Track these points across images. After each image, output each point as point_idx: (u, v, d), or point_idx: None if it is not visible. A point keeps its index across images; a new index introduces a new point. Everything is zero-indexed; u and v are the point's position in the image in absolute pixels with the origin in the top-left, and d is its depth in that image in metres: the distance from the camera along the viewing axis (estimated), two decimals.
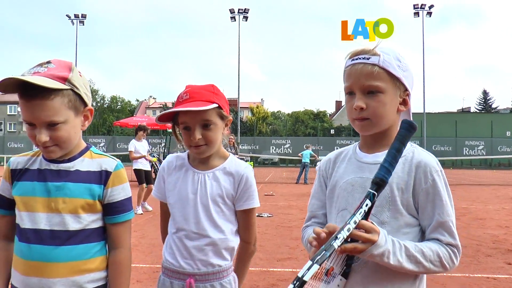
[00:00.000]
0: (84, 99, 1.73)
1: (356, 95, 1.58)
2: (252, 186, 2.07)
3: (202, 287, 1.96)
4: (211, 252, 1.98)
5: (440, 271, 1.52)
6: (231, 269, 2.05)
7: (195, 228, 1.98)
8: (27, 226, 1.70)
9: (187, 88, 2.03)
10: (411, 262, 1.46)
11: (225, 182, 2.03)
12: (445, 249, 1.50)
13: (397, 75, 1.56)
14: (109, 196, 1.77)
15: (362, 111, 1.56)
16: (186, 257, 1.98)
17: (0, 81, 1.56)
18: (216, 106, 1.97)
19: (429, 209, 1.53)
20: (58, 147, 1.69)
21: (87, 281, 1.72)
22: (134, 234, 7.71)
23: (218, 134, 2.01)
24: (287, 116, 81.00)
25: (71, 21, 49.35)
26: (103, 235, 1.80)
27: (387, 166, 1.44)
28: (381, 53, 1.55)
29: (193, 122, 1.94)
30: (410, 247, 1.47)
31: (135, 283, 5.01)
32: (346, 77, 1.62)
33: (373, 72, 1.54)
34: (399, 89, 1.60)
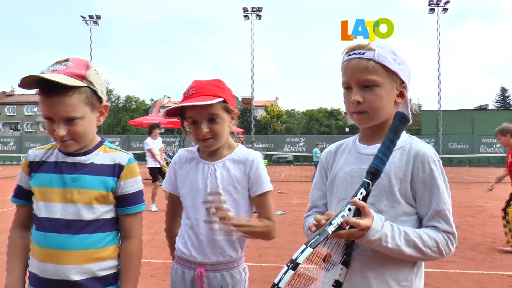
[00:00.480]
0: (100, 95, 1.81)
1: (353, 89, 1.62)
2: (263, 170, 2.10)
3: (213, 277, 2.01)
4: (222, 242, 2.02)
5: (437, 257, 1.56)
6: (241, 260, 2.10)
7: (203, 218, 2.03)
8: (44, 216, 1.77)
9: (193, 84, 2.08)
10: (409, 247, 1.49)
11: (235, 170, 2.08)
12: (442, 236, 1.54)
13: (393, 69, 1.60)
14: (122, 189, 1.83)
15: (359, 104, 1.60)
16: (197, 247, 2.03)
17: (22, 79, 1.64)
18: (222, 100, 2.01)
19: (426, 198, 1.57)
20: (74, 141, 1.76)
21: (100, 268, 1.79)
22: (148, 230, 7.81)
23: (225, 127, 2.06)
24: (302, 114, 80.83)
25: (85, 22, 49.97)
26: (115, 225, 1.86)
27: (381, 156, 1.49)
28: (376, 48, 1.59)
29: (200, 116, 2.00)
30: (409, 232, 1.51)
31: (149, 277, 5.08)
32: (343, 72, 1.66)
33: (368, 66, 1.58)
34: (396, 82, 1.63)
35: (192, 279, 2.04)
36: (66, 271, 1.73)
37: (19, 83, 1.68)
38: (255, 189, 2.08)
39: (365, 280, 1.56)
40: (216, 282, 2.01)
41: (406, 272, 1.58)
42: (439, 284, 4.97)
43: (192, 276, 2.03)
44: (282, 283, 1.27)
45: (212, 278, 2.02)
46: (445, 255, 1.56)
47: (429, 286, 4.86)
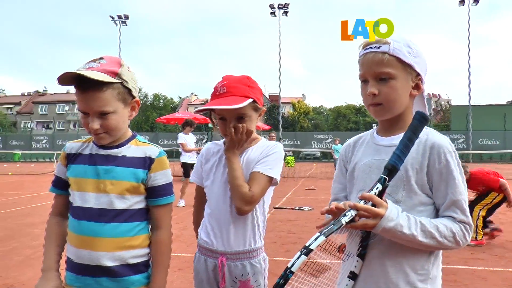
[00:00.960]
0: (132, 91, 1.90)
1: (369, 82, 1.66)
2: (274, 156, 2.12)
3: (233, 266, 2.07)
4: (242, 232, 2.09)
5: (453, 247, 1.58)
6: (261, 249, 2.15)
7: (226, 209, 2.09)
8: (78, 204, 1.88)
9: (224, 81, 2.13)
10: (426, 237, 1.53)
11: (254, 155, 2.14)
12: (458, 226, 1.57)
13: (408, 61, 1.63)
14: (152, 180, 1.92)
15: (375, 97, 1.65)
16: (219, 237, 2.10)
17: (60, 75, 1.75)
18: (251, 101, 2.07)
19: (442, 188, 1.59)
20: (107, 134, 1.86)
21: (131, 256, 1.88)
22: (176, 225, 7.95)
23: (252, 125, 2.12)
24: (329, 110, 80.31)
25: (114, 21, 50.83)
26: (145, 216, 1.95)
27: (398, 153, 1.54)
28: (391, 42, 1.63)
29: (229, 115, 2.07)
30: (426, 222, 1.54)
31: (177, 271, 5.20)
32: (360, 66, 1.71)
33: (384, 59, 1.62)
34: (411, 74, 1.66)
35: (213, 268, 2.10)
36: (99, 257, 1.83)
37: (57, 80, 1.78)
38: (257, 166, 2.09)
39: (382, 268, 1.60)
40: (236, 270, 2.08)
41: (423, 261, 1.61)
42: (466, 281, 4.94)
43: (214, 265, 2.10)
44: (295, 267, 1.34)
45: (232, 267, 2.08)
46: (462, 245, 1.59)
47: (456, 283, 4.84)
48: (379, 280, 1.61)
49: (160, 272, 1.93)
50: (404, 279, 1.59)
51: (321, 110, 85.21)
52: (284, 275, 1.34)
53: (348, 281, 1.63)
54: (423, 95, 1.76)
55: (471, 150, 38.06)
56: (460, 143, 41.18)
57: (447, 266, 5.51)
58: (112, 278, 1.85)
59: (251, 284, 2.08)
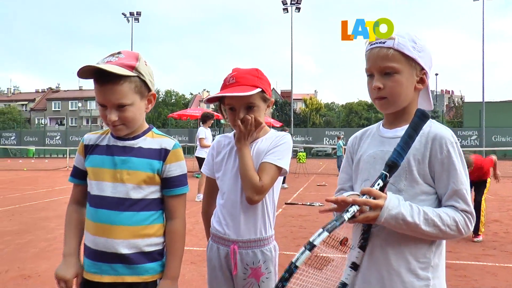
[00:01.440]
0: (149, 85, 1.97)
1: (374, 76, 1.71)
2: (283, 146, 2.16)
3: (245, 253, 2.14)
4: (253, 222, 2.15)
5: (455, 236, 1.62)
6: (272, 238, 2.21)
7: (237, 199, 2.16)
8: (96, 193, 1.95)
9: (233, 72, 2.20)
10: (429, 226, 1.57)
11: (263, 145, 2.19)
12: (461, 215, 1.60)
13: (412, 56, 1.68)
14: (167, 171, 1.98)
15: (380, 90, 1.70)
16: (231, 226, 2.16)
17: (80, 68, 1.82)
18: (260, 90, 2.13)
19: (444, 178, 1.63)
20: (124, 126, 1.93)
21: (146, 244, 1.95)
22: (189, 220, 8.02)
23: (261, 115, 2.17)
24: (341, 107, 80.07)
25: (126, 19, 51.03)
26: (160, 206, 2.02)
27: (399, 150, 1.59)
28: (396, 37, 1.67)
29: (238, 104, 2.13)
30: (428, 211, 1.59)
31: (189, 264, 5.28)
32: (366, 60, 1.76)
33: (388, 54, 1.67)
34: (415, 68, 1.71)
35: (226, 255, 2.17)
36: (115, 244, 1.90)
37: (77, 73, 1.85)
38: (267, 156, 2.14)
39: (384, 256, 1.65)
40: (248, 258, 2.14)
41: (425, 250, 1.65)
42: (476, 276, 4.95)
43: (226, 252, 2.16)
44: (299, 262, 1.40)
45: (244, 254, 2.14)
46: (464, 234, 1.62)
47: (466, 278, 4.86)
48: (381, 267, 1.65)
49: (174, 260, 1.99)
50: (406, 266, 1.63)
51: (333, 106, 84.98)
52: (289, 269, 1.40)
53: (349, 271, 1.68)
54: (428, 88, 1.80)
55: (484, 147, 37.69)
56: (473, 139, 40.85)
57: (457, 261, 5.54)
58: (127, 265, 1.91)
59: (262, 271, 2.14)
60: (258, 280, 2.14)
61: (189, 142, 34.86)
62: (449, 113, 71.60)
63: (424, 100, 1.84)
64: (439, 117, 53.99)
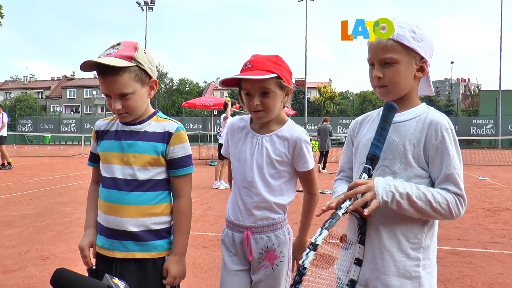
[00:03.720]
0: (149, 72, 2.06)
1: (375, 66, 1.79)
2: (306, 149, 2.20)
3: (259, 238, 2.19)
4: (265, 208, 2.18)
5: (446, 215, 1.68)
6: (285, 221, 2.25)
7: (250, 187, 2.20)
8: (107, 175, 2.09)
9: (252, 57, 2.20)
10: (420, 200, 1.64)
11: (280, 145, 2.20)
12: (452, 196, 1.67)
13: (411, 46, 1.74)
14: (171, 153, 2.09)
15: (380, 79, 1.78)
16: (243, 212, 2.21)
17: (82, 63, 1.95)
18: (275, 76, 2.09)
19: (437, 162, 1.71)
20: (128, 114, 2.05)
21: (153, 222, 2.07)
22: (201, 206, 8.19)
23: (277, 102, 2.15)
24: (355, 95, 79.63)
25: (140, 7, 51.21)
26: (167, 186, 2.14)
27: (375, 143, 1.70)
28: (396, 27, 1.73)
29: (253, 89, 2.13)
30: (421, 187, 1.67)
31: (201, 248, 5.42)
32: (368, 50, 1.84)
33: (388, 45, 1.74)
34: (415, 58, 1.77)
35: (241, 241, 2.21)
36: (125, 222, 2.03)
37: (80, 67, 1.98)
38: (299, 166, 2.21)
39: (378, 234, 1.73)
40: (262, 242, 2.18)
41: (416, 230, 1.72)
42: (483, 263, 5.00)
43: (241, 239, 2.21)
44: (307, 263, 1.47)
45: (258, 239, 2.19)
46: (454, 215, 1.68)
47: (472, 265, 4.91)
48: (375, 247, 1.74)
49: (181, 237, 2.11)
50: (397, 246, 1.71)
51: (347, 95, 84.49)
52: (299, 272, 1.47)
53: (355, 268, 1.75)
54: (428, 76, 1.86)
55: (500, 136, 37.35)
56: (488, 128, 40.44)
57: (464, 248, 5.59)
58: (136, 242, 2.04)
59: (276, 254, 2.19)
60: (272, 264, 2.18)
61: (202, 130, 35.04)
62: (465, 102, 70.76)
63: (425, 87, 1.90)
64: (454, 105, 53.43)
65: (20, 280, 4.32)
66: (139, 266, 2.05)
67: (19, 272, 4.53)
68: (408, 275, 1.70)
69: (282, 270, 2.20)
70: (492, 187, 12.06)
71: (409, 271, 1.70)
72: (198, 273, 4.57)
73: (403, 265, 1.70)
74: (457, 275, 4.57)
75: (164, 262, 2.08)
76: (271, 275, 2.19)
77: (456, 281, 4.39)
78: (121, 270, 2.04)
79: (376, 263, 1.73)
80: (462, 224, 6.95)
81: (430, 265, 1.75)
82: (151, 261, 2.06)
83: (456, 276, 4.54)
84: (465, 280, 4.43)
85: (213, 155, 20.27)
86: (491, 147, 39.39)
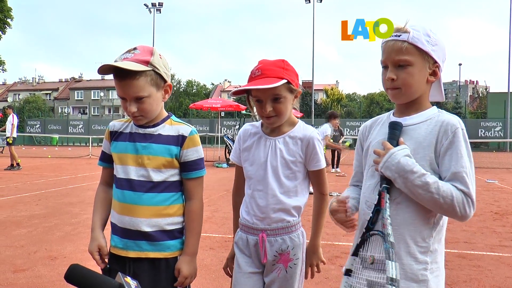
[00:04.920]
0: (164, 77, 2.11)
1: (389, 68, 1.81)
2: (318, 148, 2.22)
3: (274, 241, 2.20)
4: (280, 210, 2.20)
5: (449, 212, 1.67)
6: (299, 224, 2.27)
7: (266, 189, 2.21)
8: (121, 176, 2.13)
9: (259, 64, 2.22)
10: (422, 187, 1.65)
11: (294, 146, 2.22)
12: (460, 193, 1.65)
13: (425, 49, 1.75)
14: (184, 156, 2.14)
15: (393, 81, 1.79)
16: (258, 215, 2.22)
17: (100, 67, 1.99)
18: (285, 82, 2.12)
19: (446, 161, 1.70)
20: (143, 116, 2.09)
21: (167, 223, 2.12)
22: (208, 208, 8.22)
23: (288, 106, 2.19)
24: (363, 98, 79.44)
25: (148, 9, 51.45)
26: (180, 187, 2.18)
27: None
28: (411, 30, 1.75)
29: (265, 96, 2.15)
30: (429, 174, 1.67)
31: (208, 250, 5.44)
32: (382, 52, 1.85)
33: (402, 48, 1.75)
34: (428, 61, 1.78)
35: (255, 244, 2.22)
36: (139, 223, 2.07)
37: (97, 70, 2.03)
38: (311, 166, 2.23)
39: None
40: (276, 245, 2.19)
41: (425, 234, 1.73)
42: (491, 266, 4.98)
43: (255, 241, 2.22)
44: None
45: (273, 241, 2.20)
46: (459, 215, 1.66)
47: (480, 268, 4.89)
48: (383, 250, 1.72)
49: (193, 237, 2.16)
50: (405, 249, 1.72)
51: (354, 97, 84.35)
52: None
53: None
54: (440, 81, 1.87)
55: (509, 139, 37.14)
56: (497, 131, 40.20)
57: (472, 251, 5.58)
58: (150, 242, 2.08)
59: (290, 257, 2.20)
60: (286, 266, 2.20)
61: (209, 132, 35.11)
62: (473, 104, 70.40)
63: (436, 92, 1.90)
64: (462, 108, 53.18)
65: (30, 279, 4.37)
66: (153, 265, 2.09)
67: (29, 272, 4.58)
68: (415, 279, 1.70)
69: (296, 273, 2.22)
70: (501, 190, 12.04)
71: (416, 275, 1.71)
72: (205, 274, 4.60)
73: (411, 269, 1.71)
74: (464, 278, 4.56)
75: (176, 262, 2.12)
76: (284, 278, 2.20)
77: (463, 284, 4.38)
78: (135, 270, 2.08)
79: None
80: (469, 227, 6.93)
81: (438, 269, 1.76)
82: (164, 261, 2.10)
83: (463, 279, 4.53)
84: (473, 284, 4.42)
85: (220, 157, 20.36)
86: (499, 150, 39.18)
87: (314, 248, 2.30)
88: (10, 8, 40.67)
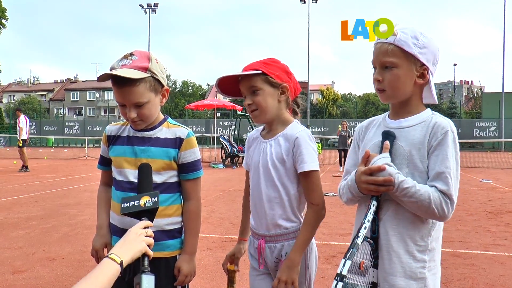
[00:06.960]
0: (161, 81, 2.15)
1: (376, 69, 1.86)
2: (304, 149, 2.10)
3: (273, 247, 2.18)
4: (275, 217, 2.16)
5: (430, 212, 1.70)
6: (298, 231, 2.18)
7: (260, 194, 2.20)
8: (121, 179, 2.18)
9: None
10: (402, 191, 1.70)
11: (284, 146, 2.15)
12: (438, 194, 1.68)
13: (411, 52, 1.78)
14: (182, 158, 2.19)
15: (379, 83, 1.84)
16: (257, 219, 2.23)
17: (99, 76, 2.02)
18: (259, 73, 2.09)
19: (432, 161, 1.75)
20: (142, 121, 2.13)
21: (166, 223, 2.17)
22: (205, 209, 8.25)
23: (267, 99, 2.12)
24: (358, 98, 79.63)
25: (144, 10, 51.40)
26: (178, 188, 2.23)
27: None
28: (398, 33, 1.78)
29: (244, 90, 2.18)
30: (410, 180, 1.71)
31: (205, 250, 5.49)
32: (372, 54, 1.89)
33: (388, 50, 1.79)
34: (415, 64, 1.81)
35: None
36: None
37: (97, 79, 2.06)
38: (297, 167, 2.11)
39: (386, 237, 1.79)
40: (276, 251, 2.18)
41: (423, 234, 1.77)
42: (484, 265, 5.04)
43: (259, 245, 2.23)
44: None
45: (272, 248, 2.18)
46: (438, 215, 1.70)
47: (474, 267, 4.95)
48: (382, 248, 1.79)
49: (191, 237, 2.21)
50: (404, 248, 1.76)
51: (350, 97, 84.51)
52: None
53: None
54: (430, 83, 1.88)
55: (503, 139, 37.28)
56: (491, 131, 40.39)
57: (466, 250, 5.64)
58: None
59: None
60: None
61: (205, 133, 35.13)
62: (468, 104, 70.66)
63: (427, 95, 1.92)
64: (456, 108, 53.34)
65: (29, 280, 4.40)
66: (153, 265, 2.12)
67: (28, 273, 4.62)
68: (414, 276, 1.75)
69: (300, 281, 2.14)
70: (495, 189, 12.15)
71: (415, 273, 1.75)
72: (203, 274, 4.65)
73: (410, 267, 1.75)
74: (458, 277, 4.62)
75: (176, 261, 2.18)
76: None
77: (457, 283, 4.44)
78: (135, 269, 2.11)
79: (384, 264, 1.78)
80: (464, 226, 7.01)
81: (435, 267, 1.81)
82: (164, 260, 2.15)
83: (457, 278, 4.59)
84: (467, 282, 4.48)
85: (216, 158, 20.37)
86: (494, 150, 39.36)
87: (290, 263, 2.05)
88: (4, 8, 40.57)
